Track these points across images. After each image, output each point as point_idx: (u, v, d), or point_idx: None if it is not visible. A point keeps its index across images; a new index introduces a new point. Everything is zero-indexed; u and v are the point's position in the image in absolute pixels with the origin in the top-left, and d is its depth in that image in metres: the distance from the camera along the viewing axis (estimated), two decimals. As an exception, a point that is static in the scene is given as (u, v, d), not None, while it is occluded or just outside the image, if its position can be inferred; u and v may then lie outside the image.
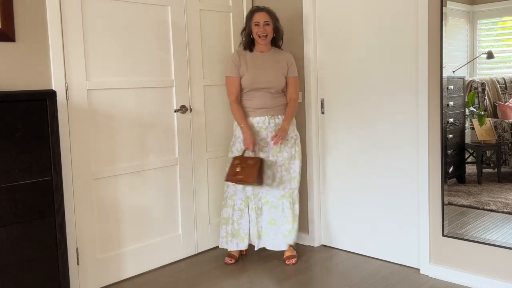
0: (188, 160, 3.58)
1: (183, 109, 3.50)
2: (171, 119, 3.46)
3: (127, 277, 3.27)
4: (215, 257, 3.58)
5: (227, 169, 3.35)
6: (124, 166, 3.21)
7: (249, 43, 3.39)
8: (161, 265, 3.46)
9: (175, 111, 3.47)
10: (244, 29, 3.42)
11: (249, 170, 3.20)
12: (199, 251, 3.70)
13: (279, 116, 3.37)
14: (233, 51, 3.85)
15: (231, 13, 3.84)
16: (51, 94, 2.52)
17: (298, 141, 3.46)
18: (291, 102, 3.42)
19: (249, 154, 3.33)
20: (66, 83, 2.90)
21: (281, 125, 3.34)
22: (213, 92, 3.73)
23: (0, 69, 2.66)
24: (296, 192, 3.45)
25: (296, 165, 3.42)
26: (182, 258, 3.59)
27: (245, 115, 3.35)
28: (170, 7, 3.41)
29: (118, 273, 3.22)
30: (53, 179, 2.54)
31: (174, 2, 3.43)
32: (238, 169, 3.21)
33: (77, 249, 3.00)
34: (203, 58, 3.65)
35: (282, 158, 3.38)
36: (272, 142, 3.29)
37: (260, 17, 3.31)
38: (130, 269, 3.28)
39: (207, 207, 3.73)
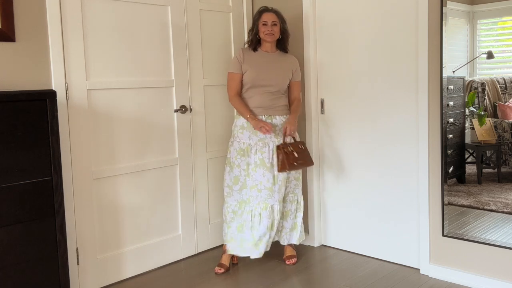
0: (188, 160, 3.58)
1: (183, 109, 3.50)
2: (171, 119, 3.46)
3: (127, 277, 3.27)
4: (215, 257, 3.58)
5: (276, 160, 3.18)
6: (124, 166, 3.21)
7: (254, 43, 3.37)
8: (161, 265, 3.46)
9: (175, 111, 3.47)
10: (251, 29, 3.40)
11: (305, 153, 3.26)
12: (199, 251, 3.70)
13: (277, 117, 3.31)
14: (233, 51, 3.85)
15: (231, 13, 3.84)
16: (51, 94, 2.52)
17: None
18: (296, 101, 3.42)
19: (290, 140, 3.26)
20: (66, 83, 2.90)
21: (288, 118, 3.31)
22: (213, 92, 3.73)
23: (0, 69, 2.66)
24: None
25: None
26: (182, 258, 3.59)
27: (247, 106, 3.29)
28: (170, 7, 3.41)
29: (118, 273, 3.22)
30: (53, 179, 2.54)
31: (174, 2, 3.43)
32: (296, 155, 3.15)
33: (77, 249, 3.00)
34: (203, 58, 3.64)
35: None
36: (286, 137, 3.24)
37: (268, 17, 3.32)
38: (130, 269, 3.28)
39: (207, 207, 3.73)
